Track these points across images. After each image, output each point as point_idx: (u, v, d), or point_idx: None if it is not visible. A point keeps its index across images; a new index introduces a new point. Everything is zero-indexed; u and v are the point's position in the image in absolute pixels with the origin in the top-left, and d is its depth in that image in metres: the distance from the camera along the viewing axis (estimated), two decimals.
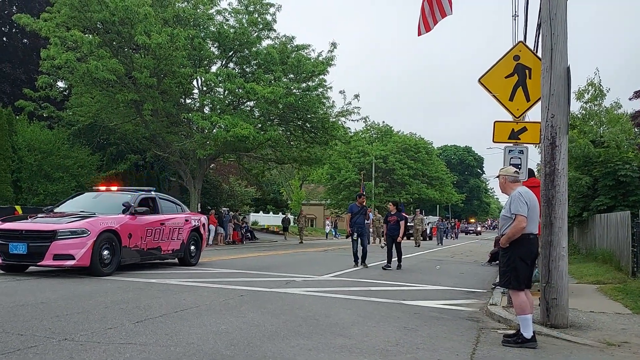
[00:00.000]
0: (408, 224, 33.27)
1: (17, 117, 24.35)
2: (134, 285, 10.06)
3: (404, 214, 16.97)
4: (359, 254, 15.66)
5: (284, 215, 42.82)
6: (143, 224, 12.56)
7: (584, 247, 21.82)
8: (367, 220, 31.88)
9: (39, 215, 12.09)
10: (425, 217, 47.78)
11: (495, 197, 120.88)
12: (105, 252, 11.33)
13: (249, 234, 34.59)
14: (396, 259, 15.91)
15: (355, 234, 15.55)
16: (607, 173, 19.16)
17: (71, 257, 10.74)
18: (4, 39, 29.82)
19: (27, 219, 11.72)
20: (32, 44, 28.80)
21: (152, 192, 13.87)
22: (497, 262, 11.17)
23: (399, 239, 15.82)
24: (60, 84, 29.30)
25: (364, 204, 16.33)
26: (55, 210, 12.66)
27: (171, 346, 5.57)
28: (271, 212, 55.31)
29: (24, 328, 6.08)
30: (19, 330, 5.98)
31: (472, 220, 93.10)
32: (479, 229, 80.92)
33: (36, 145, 23.10)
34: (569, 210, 19.73)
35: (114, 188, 14.33)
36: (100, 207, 12.51)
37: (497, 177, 6.86)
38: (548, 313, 7.30)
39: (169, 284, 10.27)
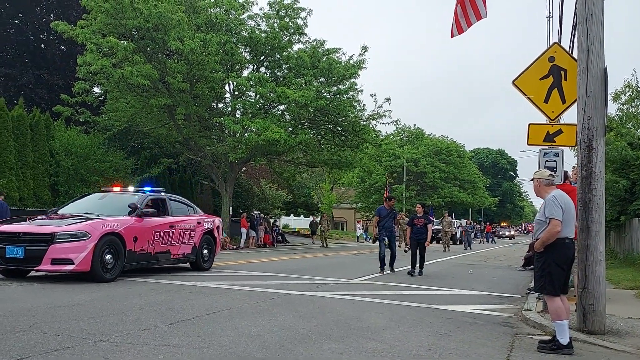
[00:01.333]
0: (435, 227, 32.59)
1: (55, 122, 24.86)
2: (166, 287, 10.17)
3: (432, 217, 16.46)
4: (386, 260, 14.82)
5: (312, 219, 42.71)
6: (150, 227, 11.95)
7: (621, 251, 21.35)
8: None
9: (39, 217, 11.66)
10: (454, 220, 46.97)
11: (529, 200, 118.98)
12: (108, 257, 10.71)
13: (280, 237, 34.77)
14: (418, 264, 14.94)
15: (386, 238, 14.80)
16: None
17: (70, 262, 10.15)
18: (42, 46, 30.54)
19: (27, 220, 11.15)
20: (69, 50, 29.40)
21: (162, 193, 13.40)
22: (532, 266, 11.01)
23: (427, 243, 15.00)
24: (96, 89, 29.86)
25: (393, 207, 15.54)
26: (59, 212, 12.19)
27: (203, 348, 5.62)
28: (302, 216, 55.43)
29: (60, 329, 6.20)
30: (56, 331, 6.09)
31: (505, 224, 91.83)
32: (512, 232, 79.60)
33: (73, 150, 23.55)
34: (607, 214, 19.35)
35: (116, 189, 13.64)
36: (105, 208, 11.97)
37: (532, 180, 6.76)
38: (585, 319, 7.15)
39: (201, 287, 10.36)
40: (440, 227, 32.50)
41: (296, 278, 12.79)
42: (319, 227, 35.41)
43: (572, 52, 9.22)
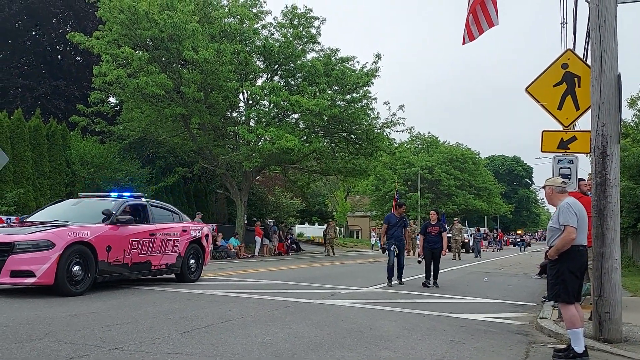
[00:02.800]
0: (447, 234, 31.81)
1: (71, 132, 25.15)
2: (180, 295, 10.22)
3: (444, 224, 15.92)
4: (394, 270, 13.90)
5: (326, 227, 42.28)
6: (127, 235, 10.92)
7: (638, 259, 21.09)
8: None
9: (1, 225, 10.91)
10: (464, 227, 46.24)
11: (545, 207, 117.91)
12: (76, 268, 9.71)
13: (294, 245, 34.75)
14: (433, 276, 14.12)
15: (394, 246, 13.77)
16: None
17: (31, 274, 9.19)
18: (59, 57, 30.94)
19: None
20: (85, 61, 29.76)
21: (143, 199, 12.36)
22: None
23: (444, 252, 14.25)
24: (112, 99, 30.17)
25: (404, 214, 14.47)
26: (28, 220, 11.29)
27: (216, 356, 5.64)
28: (316, 224, 55.43)
29: (76, 337, 6.26)
30: (71, 339, 6.15)
31: (520, 232, 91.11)
32: (527, 239, 78.77)
33: (89, 159, 23.79)
34: (623, 221, 19.23)
35: (96, 194, 12.72)
36: (78, 215, 11.00)
37: (543, 187, 6.71)
38: (601, 327, 7.08)
39: (215, 295, 10.40)
40: (450, 235, 31.11)
41: (310, 286, 12.79)
42: (326, 235, 34.34)
43: (586, 59, 9.18)
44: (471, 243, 40.27)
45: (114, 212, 10.90)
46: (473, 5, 8.75)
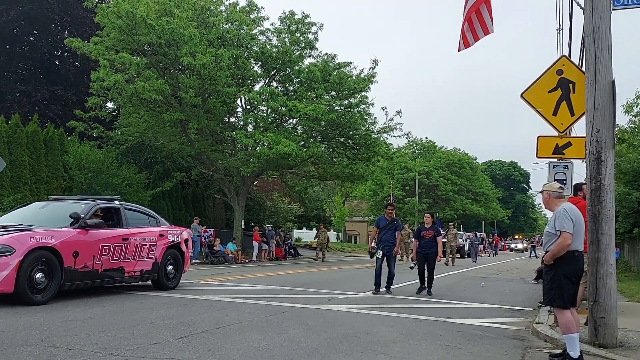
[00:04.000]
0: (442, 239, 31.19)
1: (69, 137, 25.15)
2: (178, 301, 10.23)
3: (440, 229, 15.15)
4: (382, 277, 12.90)
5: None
6: (97, 240, 10.31)
7: (635, 264, 21.14)
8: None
9: None
10: (461, 232, 45.96)
11: (542, 213, 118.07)
12: (39, 275, 9.11)
13: (292, 250, 34.73)
14: (427, 283, 13.27)
15: (381, 252, 12.82)
16: None
17: None
18: (57, 62, 30.97)
19: None
20: (82, 66, 29.78)
21: (116, 202, 11.70)
22: None
23: (439, 257, 13.38)
24: (110, 104, 30.20)
25: (394, 216, 13.45)
26: None
27: None
28: (314, 229, 55.42)
29: (72, 342, 6.27)
30: (67, 344, 6.16)
31: (518, 237, 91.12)
32: (524, 245, 78.74)
33: (86, 165, 23.78)
34: (619, 227, 19.28)
35: (66, 197, 11.98)
36: (45, 219, 10.40)
37: (541, 192, 6.76)
38: (596, 332, 7.11)
39: (212, 300, 10.41)
40: (446, 240, 30.09)
41: (307, 291, 12.80)
42: (317, 239, 33.31)
43: (582, 65, 9.24)
44: (466, 248, 39.66)
45: (82, 215, 10.30)
46: (468, 13, 8.82)
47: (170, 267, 12.36)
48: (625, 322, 8.34)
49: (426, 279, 13.24)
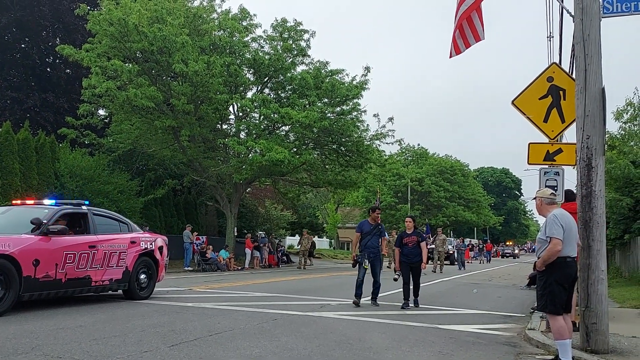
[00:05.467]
0: (429, 245, 30.07)
1: (60, 145, 25.03)
2: (169, 308, 10.18)
3: (426, 236, 13.74)
4: (364, 286, 11.90)
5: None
6: (60, 247, 9.69)
7: (626, 270, 21.24)
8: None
9: None
10: (451, 238, 45.43)
11: (534, 219, 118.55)
12: None
13: (285, 257, 34.68)
14: (413, 293, 12.11)
15: (367, 261, 11.76)
16: None
17: None
18: (48, 69, 30.86)
19: None
20: (74, 73, 29.69)
21: (84, 207, 11.03)
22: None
23: (423, 265, 12.06)
24: (101, 111, 30.09)
25: (379, 220, 12.39)
26: None
27: None
28: (316, 236, 55.39)
29: (62, 351, 6.22)
30: (58, 353, 6.12)
31: (510, 243, 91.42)
32: (515, 251, 78.90)
33: (77, 172, 23.67)
34: (610, 233, 19.37)
35: (30, 202, 11.39)
36: (4, 225, 9.78)
37: (534, 199, 6.79)
38: (588, 338, 7.13)
39: (204, 307, 10.37)
40: (434, 246, 29.51)
41: (300, 298, 12.78)
42: (300, 246, 32.16)
43: (572, 72, 9.30)
44: (456, 255, 38.15)
45: (44, 221, 9.67)
46: (460, 20, 8.87)
47: (143, 276, 11.78)
48: (616, 328, 8.37)
49: (411, 289, 12.01)
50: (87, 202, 11.61)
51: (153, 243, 12.22)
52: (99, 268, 10.62)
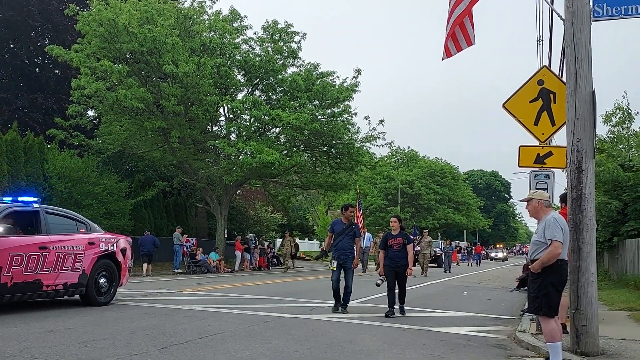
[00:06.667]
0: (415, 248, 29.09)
1: (49, 146, 24.86)
2: (159, 311, 10.12)
3: (414, 237, 12.08)
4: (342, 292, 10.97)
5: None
6: (5, 249, 9.04)
7: (615, 272, 21.36)
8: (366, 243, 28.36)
9: None
10: (438, 240, 45.16)
11: (523, 222, 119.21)
12: None
13: (275, 259, 34.61)
14: (398, 300, 11.00)
15: (336, 262, 10.90)
16: (637, 197, 18.83)
17: None
18: (37, 70, 30.66)
19: None
20: (63, 74, 29.51)
21: (35, 205, 10.26)
22: (526, 287, 10.94)
23: (409, 271, 10.95)
24: (91, 112, 29.96)
25: (351, 219, 11.40)
26: None
27: None
28: (297, 238, 55.31)
29: (51, 354, 6.16)
30: (46, 356, 6.05)
31: (499, 245, 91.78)
32: (504, 254, 79.02)
33: (66, 173, 23.51)
34: (599, 235, 19.48)
35: None
36: None
37: (530, 200, 6.66)
38: (578, 340, 7.14)
39: (194, 310, 10.31)
40: (419, 248, 28.21)
41: (290, 301, 12.75)
42: (282, 248, 31.26)
43: (562, 76, 9.34)
44: (443, 257, 36.49)
45: None
46: (453, 25, 8.89)
47: (102, 280, 10.93)
48: (606, 330, 8.40)
49: (397, 295, 10.91)
50: (39, 200, 10.82)
51: (115, 245, 11.40)
52: (51, 271, 9.82)
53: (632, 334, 8.71)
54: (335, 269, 10.88)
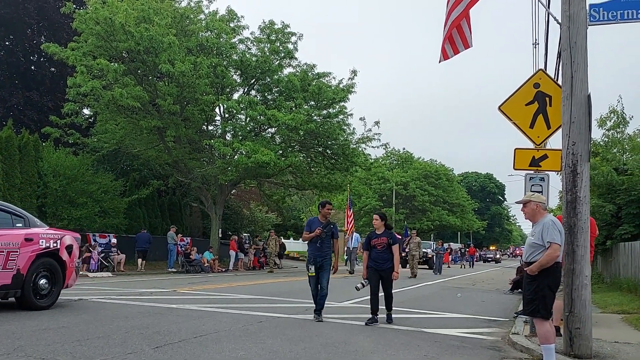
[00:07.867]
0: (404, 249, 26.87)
1: (44, 144, 24.81)
2: (154, 310, 10.11)
3: (402, 237, 10.90)
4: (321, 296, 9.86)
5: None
6: None
7: (608, 276, 21.45)
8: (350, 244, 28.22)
9: None
10: (429, 242, 44.86)
11: (517, 224, 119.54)
12: None
13: (264, 258, 34.54)
14: (384, 306, 10.01)
15: (313, 267, 9.78)
16: (630, 201, 18.90)
17: None
18: (33, 67, 30.54)
19: None
20: (59, 72, 29.43)
21: None
22: (520, 290, 10.95)
23: (395, 274, 9.90)
24: (86, 111, 29.86)
25: (330, 218, 10.17)
26: None
27: None
28: (292, 238, 55.33)
29: (45, 352, 6.14)
30: (40, 354, 6.04)
31: (493, 248, 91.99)
32: (497, 256, 79.23)
33: (61, 171, 23.47)
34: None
35: None
36: None
37: (527, 202, 6.66)
38: (571, 343, 7.18)
39: (189, 309, 10.31)
40: (408, 250, 27.64)
41: (285, 301, 12.75)
42: (267, 247, 30.60)
43: (557, 79, 9.38)
44: (435, 259, 34.85)
45: None
46: (450, 28, 8.92)
47: (43, 281, 9.66)
48: (599, 333, 8.45)
49: (378, 302, 9.85)
50: None
51: (59, 241, 10.06)
52: None
53: (625, 337, 8.76)
54: (313, 274, 9.77)
